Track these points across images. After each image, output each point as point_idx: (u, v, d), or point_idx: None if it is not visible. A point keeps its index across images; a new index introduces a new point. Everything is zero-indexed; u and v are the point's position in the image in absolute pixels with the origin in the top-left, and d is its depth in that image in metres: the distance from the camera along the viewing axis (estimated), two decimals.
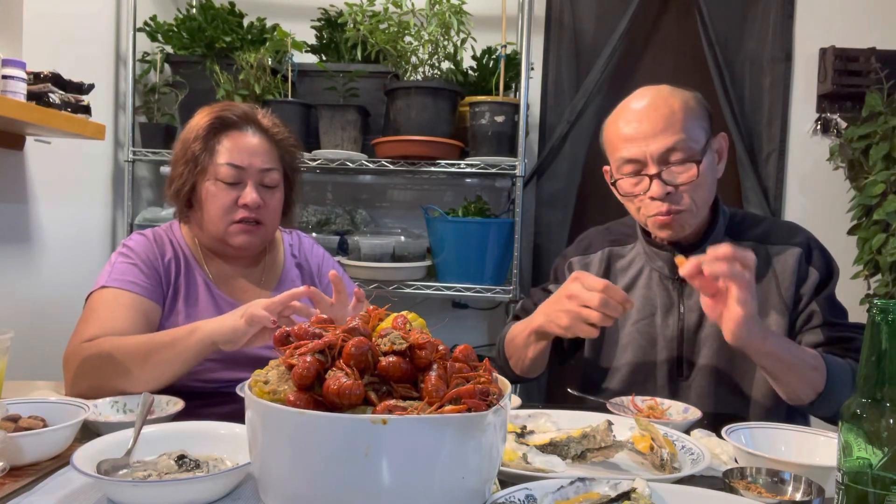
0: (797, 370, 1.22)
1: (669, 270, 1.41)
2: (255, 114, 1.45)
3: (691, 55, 2.82)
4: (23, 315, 1.98)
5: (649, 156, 1.29)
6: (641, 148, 1.30)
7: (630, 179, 1.33)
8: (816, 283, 1.35)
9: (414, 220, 2.83)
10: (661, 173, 1.29)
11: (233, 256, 1.46)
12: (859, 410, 0.72)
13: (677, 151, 1.29)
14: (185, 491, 0.79)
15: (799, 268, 1.35)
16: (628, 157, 1.32)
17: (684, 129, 1.29)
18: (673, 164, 1.29)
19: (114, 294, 1.32)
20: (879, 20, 2.72)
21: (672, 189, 1.30)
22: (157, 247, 1.42)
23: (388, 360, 0.74)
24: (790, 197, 2.78)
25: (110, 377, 1.20)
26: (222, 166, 1.37)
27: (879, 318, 0.72)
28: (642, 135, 1.30)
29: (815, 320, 1.34)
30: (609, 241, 1.53)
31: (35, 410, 1.00)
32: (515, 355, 1.47)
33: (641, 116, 1.31)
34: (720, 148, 1.38)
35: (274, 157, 1.43)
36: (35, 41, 1.96)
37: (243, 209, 1.38)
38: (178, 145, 1.42)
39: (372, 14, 2.44)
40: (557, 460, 0.95)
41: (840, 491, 0.73)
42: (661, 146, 1.28)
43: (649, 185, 1.30)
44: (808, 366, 1.22)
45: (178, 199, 1.41)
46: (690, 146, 1.29)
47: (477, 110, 2.42)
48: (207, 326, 1.21)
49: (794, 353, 1.23)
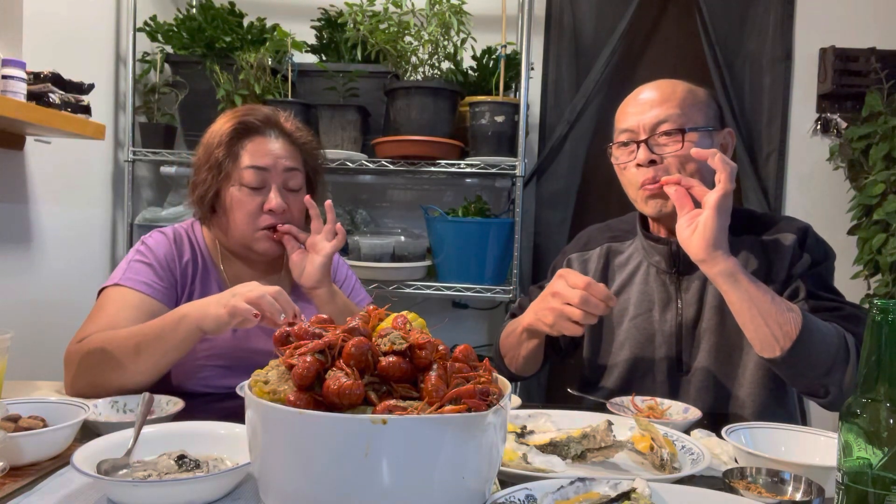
0: (769, 306, 1.17)
1: (667, 265, 1.42)
2: (278, 117, 1.44)
3: (691, 55, 2.82)
4: (23, 315, 1.98)
5: (641, 126, 1.35)
6: (637, 119, 1.36)
7: (623, 148, 1.39)
8: (808, 265, 1.34)
9: (414, 220, 2.83)
10: (649, 140, 1.34)
11: (253, 260, 1.46)
12: (859, 410, 0.72)
13: (667, 123, 1.33)
14: (185, 491, 0.80)
15: (792, 252, 1.35)
16: (624, 126, 1.38)
17: (679, 107, 1.34)
18: (661, 135, 1.33)
19: (123, 293, 1.32)
20: (879, 20, 2.72)
21: (657, 157, 1.33)
22: (176, 248, 1.42)
23: (388, 360, 0.74)
24: (790, 197, 2.78)
25: (105, 372, 1.19)
26: (246, 170, 1.36)
27: (879, 318, 0.72)
28: (640, 108, 1.37)
29: (800, 294, 1.31)
30: (608, 237, 1.54)
31: (35, 410, 1.00)
32: (510, 353, 1.47)
33: (645, 94, 1.39)
34: (724, 143, 1.40)
35: (297, 160, 1.43)
36: (35, 41, 1.96)
37: (268, 215, 1.37)
38: (201, 150, 1.41)
39: (372, 14, 2.44)
40: (557, 460, 0.95)
41: (840, 491, 0.73)
42: (655, 118, 1.34)
43: (636, 151, 1.35)
44: (783, 306, 1.17)
45: (203, 205, 1.40)
46: (682, 120, 1.33)
47: (477, 110, 2.42)
48: (193, 313, 1.19)
49: (768, 291, 1.19)
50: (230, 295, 1.18)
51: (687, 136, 1.32)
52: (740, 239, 1.38)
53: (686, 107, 1.34)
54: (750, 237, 1.39)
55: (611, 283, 1.49)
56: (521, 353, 1.43)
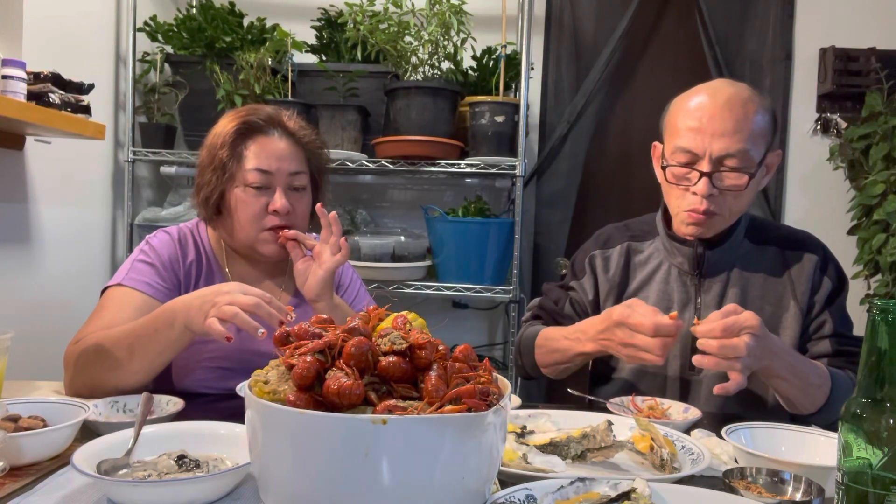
0: (801, 388, 1.27)
1: (690, 266, 1.42)
2: (281, 116, 1.43)
3: (691, 55, 2.82)
4: (23, 315, 1.98)
5: (708, 153, 1.29)
6: (703, 143, 1.29)
7: (681, 169, 1.33)
8: (829, 293, 1.39)
9: (414, 220, 2.83)
10: (713, 174, 1.30)
11: (258, 261, 1.45)
12: (859, 410, 0.72)
13: (734, 159, 1.29)
14: (185, 491, 0.79)
15: (814, 275, 1.40)
16: (687, 147, 1.31)
17: (749, 140, 1.29)
18: (726, 170, 1.30)
19: (125, 293, 1.31)
20: (879, 20, 2.72)
21: (716, 192, 1.31)
22: (181, 248, 1.41)
23: (388, 360, 0.74)
24: (790, 197, 2.78)
25: (101, 372, 1.19)
26: (250, 172, 1.35)
27: (879, 318, 0.72)
28: (709, 131, 1.28)
29: (825, 329, 1.38)
30: (628, 236, 1.54)
31: (35, 410, 1.00)
32: (551, 367, 1.47)
33: (714, 112, 1.29)
34: (771, 163, 1.39)
35: (301, 159, 1.42)
36: (35, 41, 1.96)
37: (273, 216, 1.36)
38: (205, 152, 1.40)
39: (372, 14, 2.44)
40: (557, 460, 0.95)
41: (840, 491, 0.73)
42: (723, 149, 1.28)
43: (697, 180, 1.31)
44: (813, 384, 1.27)
45: (207, 207, 1.39)
46: (749, 157, 1.30)
47: (477, 110, 2.42)
48: (181, 316, 1.16)
49: (799, 371, 1.26)
50: (211, 304, 1.13)
51: (752, 178, 1.31)
52: (762, 248, 1.43)
53: (755, 138, 1.29)
54: (773, 249, 1.43)
55: (630, 281, 1.50)
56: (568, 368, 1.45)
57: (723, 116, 1.28)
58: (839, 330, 1.38)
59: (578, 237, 1.66)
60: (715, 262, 1.41)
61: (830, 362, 1.34)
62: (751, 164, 1.30)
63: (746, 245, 1.44)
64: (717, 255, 1.41)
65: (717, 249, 1.40)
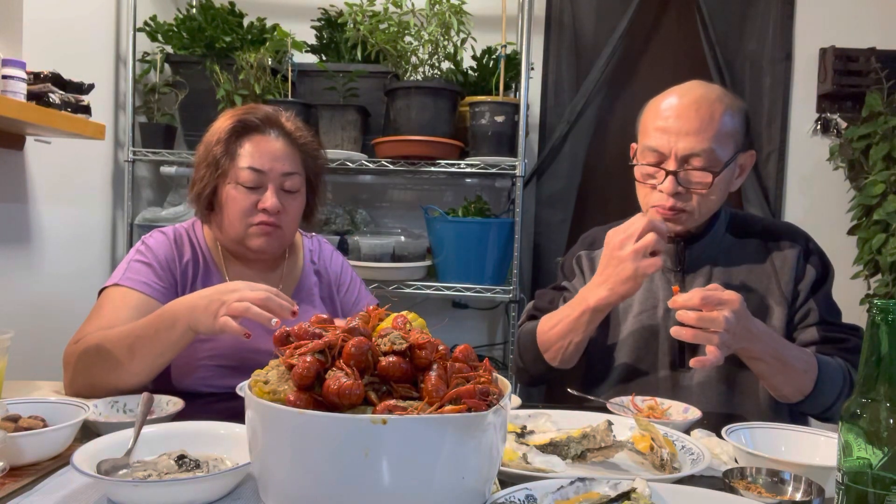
0: (785, 373, 1.27)
1: (672, 263, 1.44)
2: (279, 117, 1.43)
3: (691, 55, 2.82)
4: (23, 315, 1.98)
5: (673, 152, 1.32)
6: (669, 143, 1.32)
7: (648, 168, 1.36)
8: (813, 281, 1.40)
9: (414, 220, 2.83)
10: (678, 173, 1.32)
11: (252, 259, 1.45)
12: (859, 410, 0.72)
13: (699, 158, 1.31)
14: (185, 491, 0.80)
15: (797, 264, 1.40)
16: (654, 146, 1.34)
17: (715, 139, 1.31)
18: (691, 168, 1.32)
19: (123, 293, 1.31)
20: (879, 20, 2.72)
21: (683, 190, 1.33)
22: (177, 248, 1.41)
23: (388, 360, 0.74)
24: (790, 197, 2.78)
25: (101, 372, 1.19)
26: (243, 170, 1.36)
27: (879, 318, 0.72)
28: (675, 130, 1.32)
29: (811, 318, 1.38)
30: None
31: (35, 410, 1.00)
32: (556, 346, 1.43)
33: (681, 112, 1.32)
34: (744, 164, 1.40)
35: (296, 161, 1.42)
36: (35, 41, 1.96)
37: (262, 213, 1.36)
38: (201, 148, 1.41)
39: (372, 14, 2.44)
40: (557, 460, 0.95)
41: (840, 491, 0.73)
42: (688, 148, 1.31)
43: (664, 178, 1.33)
44: (798, 370, 1.27)
45: (200, 202, 1.39)
46: (714, 157, 1.31)
47: (477, 110, 2.42)
48: (184, 317, 1.17)
49: (785, 355, 1.26)
50: (219, 303, 1.14)
51: (718, 177, 1.32)
52: (744, 241, 1.44)
53: (721, 138, 1.31)
54: (754, 241, 1.44)
55: None
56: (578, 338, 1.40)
57: (688, 116, 1.31)
58: (825, 317, 1.38)
59: (578, 237, 1.66)
60: (696, 257, 1.43)
61: (819, 349, 1.34)
62: (717, 163, 1.32)
63: (728, 239, 1.45)
64: (698, 250, 1.43)
65: (698, 245, 1.43)
